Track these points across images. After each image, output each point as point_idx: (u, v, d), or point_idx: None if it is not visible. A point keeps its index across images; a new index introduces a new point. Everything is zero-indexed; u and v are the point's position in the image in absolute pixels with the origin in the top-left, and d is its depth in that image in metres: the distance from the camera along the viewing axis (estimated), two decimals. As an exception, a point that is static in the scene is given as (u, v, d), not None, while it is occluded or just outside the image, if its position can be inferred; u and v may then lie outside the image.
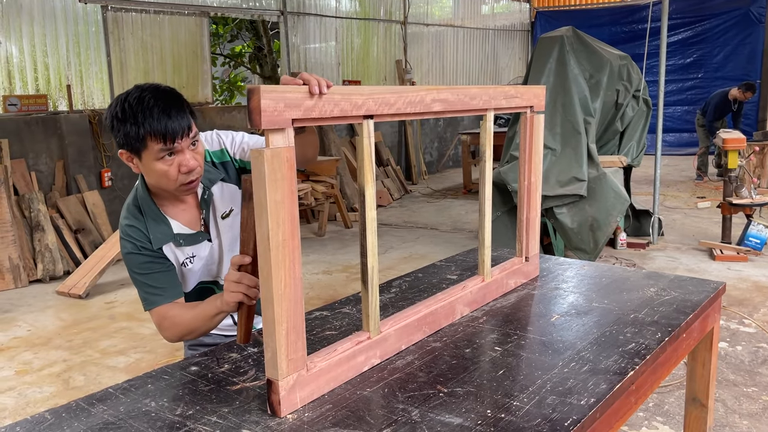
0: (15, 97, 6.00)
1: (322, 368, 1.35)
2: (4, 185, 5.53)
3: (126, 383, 1.43)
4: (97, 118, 6.40)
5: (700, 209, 7.59)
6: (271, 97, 1.15)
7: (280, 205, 1.20)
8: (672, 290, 2.00)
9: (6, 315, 4.72)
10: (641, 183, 8.71)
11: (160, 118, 1.56)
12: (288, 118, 1.19)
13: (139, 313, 4.68)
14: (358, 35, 9.78)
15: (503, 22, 13.41)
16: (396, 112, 1.45)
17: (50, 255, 5.58)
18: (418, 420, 1.24)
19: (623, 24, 12.77)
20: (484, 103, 1.73)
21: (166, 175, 1.61)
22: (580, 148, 5.32)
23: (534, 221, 2.07)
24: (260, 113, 1.14)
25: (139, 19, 6.87)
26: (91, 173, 6.40)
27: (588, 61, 5.77)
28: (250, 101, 1.14)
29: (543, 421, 1.22)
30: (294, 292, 1.25)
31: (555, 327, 1.71)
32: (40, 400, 3.40)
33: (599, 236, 5.18)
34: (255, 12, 8.35)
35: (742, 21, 11.88)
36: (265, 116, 1.15)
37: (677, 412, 3.02)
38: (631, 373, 1.43)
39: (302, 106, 1.22)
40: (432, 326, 1.67)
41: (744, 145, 5.87)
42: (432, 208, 8.30)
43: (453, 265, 2.32)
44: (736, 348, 3.75)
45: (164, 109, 1.57)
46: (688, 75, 12.38)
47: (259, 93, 1.13)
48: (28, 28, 6.08)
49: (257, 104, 1.14)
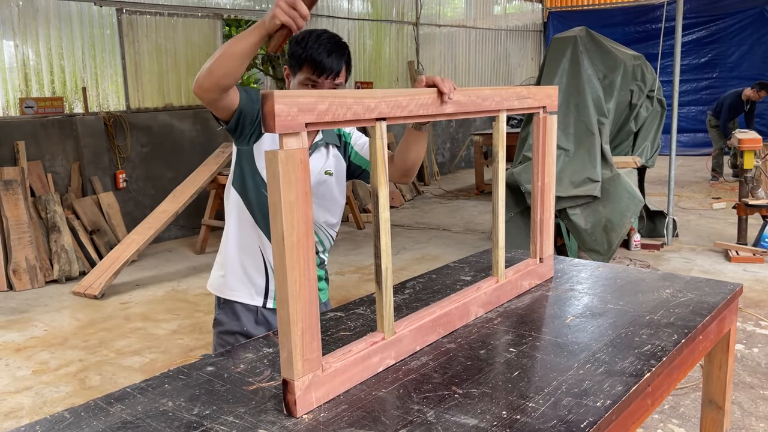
0: (32, 99, 6.07)
1: (337, 369, 1.35)
2: (20, 187, 5.60)
3: (143, 383, 1.45)
4: (112, 120, 6.46)
5: (715, 210, 7.52)
6: (284, 102, 1.16)
7: (294, 206, 1.21)
8: (688, 292, 1.98)
9: (23, 315, 4.77)
10: (655, 184, 8.65)
11: (320, 53, 1.83)
12: (301, 122, 1.20)
13: (153, 314, 4.72)
14: (370, 36, 9.79)
15: (515, 22, 13.36)
16: (408, 114, 1.45)
17: (66, 256, 5.63)
18: (434, 421, 1.24)
19: (637, 24, 12.69)
20: (497, 104, 1.73)
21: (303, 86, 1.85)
22: (594, 149, 5.29)
23: (548, 222, 2.07)
24: (274, 118, 1.15)
25: (154, 22, 6.92)
26: (106, 175, 6.45)
27: (601, 61, 5.75)
28: (264, 106, 1.15)
29: (559, 422, 1.22)
30: (309, 293, 1.26)
31: (570, 328, 1.70)
32: (56, 400, 3.43)
33: (613, 237, 5.15)
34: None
35: (757, 20, 11.77)
36: (279, 121, 1.16)
37: (693, 415, 3.00)
38: (648, 375, 1.42)
39: (315, 110, 1.23)
40: (446, 327, 1.67)
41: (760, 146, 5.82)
42: (444, 209, 8.29)
43: (467, 267, 2.32)
44: (752, 350, 3.71)
45: (328, 49, 1.84)
46: (702, 75, 12.28)
47: (273, 98, 1.14)
48: (44, 31, 6.15)
49: (271, 109, 1.15)
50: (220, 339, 2.05)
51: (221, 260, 2.05)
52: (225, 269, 2.03)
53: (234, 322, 2.02)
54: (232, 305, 2.03)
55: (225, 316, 2.04)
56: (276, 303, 1.93)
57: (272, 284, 2.00)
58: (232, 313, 2.03)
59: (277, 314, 1.25)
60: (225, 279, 2.02)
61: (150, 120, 6.89)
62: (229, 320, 2.03)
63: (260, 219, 1.96)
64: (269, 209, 1.21)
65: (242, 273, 2.00)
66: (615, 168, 5.29)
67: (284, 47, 1.79)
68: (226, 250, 2.02)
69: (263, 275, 2.01)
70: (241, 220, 1.98)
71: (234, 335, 2.02)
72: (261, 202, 1.95)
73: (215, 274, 2.08)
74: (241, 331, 2.01)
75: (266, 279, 2.01)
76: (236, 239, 2.00)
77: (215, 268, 2.08)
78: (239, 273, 2.00)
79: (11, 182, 5.56)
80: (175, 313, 4.72)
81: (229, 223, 2.02)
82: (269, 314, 2.04)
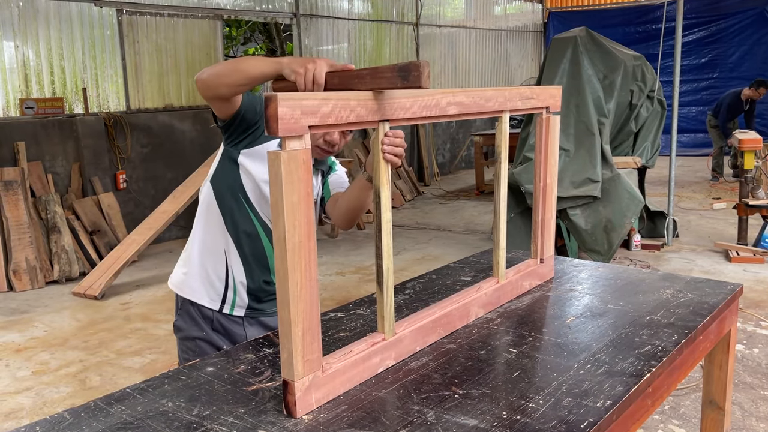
0: (32, 100, 6.07)
1: (337, 369, 1.35)
2: (21, 187, 5.60)
3: (143, 383, 1.45)
4: (112, 120, 6.46)
5: (716, 210, 7.52)
6: (288, 105, 1.16)
7: (296, 206, 1.20)
8: (688, 292, 1.98)
9: (23, 316, 4.77)
10: (656, 184, 8.64)
11: None
12: (305, 125, 1.20)
13: (154, 314, 4.72)
14: (370, 37, 9.79)
15: (516, 22, 13.36)
16: (411, 116, 1.45)
17: (66, 256, 5.63)
18: (434, 421, 1.24)
19: (637, 24, 12.68)
20: (500, 105, 1.72)
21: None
22: (594, 149, 5.29)
23: (549, 223, 2.07)
24: (278, 121, 1.14)
25: (154, 23, 6.92)
26: (107, 175, 6.45)
27: (602, 61, 5.74)
28: (267, 109, 1.15)
29: (559, 423, 1.22)
30: (310, 294, 1.26)
31: (570, 329, 1.70)
32: (57, 400, 3.43)
33: (613, 237, 5.15)
34: (268, 14, 8.38)
35: (757, 20, 11.77)
36: (282, 124, 1.15)
37: (694, 415, 2.99)
38: (648, 376, 1.42)
39: (319, 112, 1.23)
40: (447, 328, 1.67)
41: (761, 146, 5.82)
42: (444, 210, 8.29)
43: (467, 267, 2.32)
44: (752, 350, 3.71)
45: None
46: (703, 75, 12.28)
47: (277, 101, 1.14)
48: (45, 31, 6.15)
49: (274, 112, 1.14)
50: (182, 345, 2.03)
51: (185, 257, 2.01)
52: (188, 267, 1.99)
53: (193, 327, 1.99)
54: (188, 309, 1.99)
55: (183, 322, 2.01)
56: (233, 309, 1.97)
57: (230, 291, 1.95)
58: (189, 318, 1.99)
59: (278, 315, 1.24)
60: (186, 278, 2.00)
61: (150, 120, 6.89)
62: (187, 326, 2.00)
63: (230, 224, 1.92)
64: (271, 210, 1.21)
65: (204, 274, 1.96)
66: (615, 168, 5.29)
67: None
68: (191, 248, 1.99)
69: (223, 281, 1.95)
70: (209, 220, 1.94)
71: (194, 341, 1.98)
72: (232, 208, 1.91)
73: (177, 271, 2.04)
74: (200, 336, 1.98)
75: (225, 285, 1.95)
76: (202, 239, 1.96)
77: (179, 265, 2.04)
78: (201, 274, 1.96)
79: (11, 183, 5.56)
80: (176, 314, 4.72)
81: (199, 221, 1.98)
82: (225, 321, 1.98)
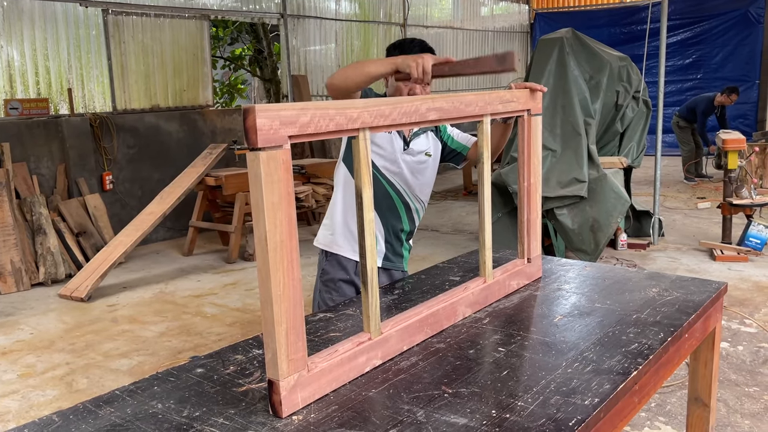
0: (16, 100, 6.01)
1: (323, 369, 1.35)
2: (5, 189, 5.54)
3: (132, 385, 1.44)
4: (98, 121, 6.42)
5: (700, 210, 7.60)
6: (266, 116, 1.16)
7: (276, 206, 1.21)
8: (674, 291, 2.00)
9: (8, 318, 4.73)
10: (641, 184, 8.72)
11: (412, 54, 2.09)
12: (284, 135, 1.20)
13: (141, 316, 4.69)
14: (357, 37, 9.79)
15: (502, 23, 13.42)
16: (391, 123, 1.46)
17: (52, 258, 5.59)
18: (424, 420, 1.25)
19: (622, 25, 12.77)
20: (480, 109, 1.74)
21: (399, 90, 2.22)
22: (581, 150, 5.32)
23: (535, 222, 2.08)
24: (256, 132, 1.15)
25: (140, 23, 6.88)
26: (93, 176, 6.41)
27: (588, 62, 5.78)
28: (246, 120, 1.15)
29: (547, 421, 1.23)
30: (293, 293, 1.26)
31: (558, 328, 1.72)
32: (43, 404, 3.40)
33: (600, 237, 5.18)
34: (255, 15, 8.36)
35: (741, 21, 11.89)
36: (261, 135, 1.15)
37: (679, 412, 3.02)
38: (635, 373, 1.43)
39: (297, 122, 1.23)
40: (434, 327, 1.68)
41: (744, 146, 5.89)
42: (432, 210, 8.30)
43: (455, 267, 2.33)
44: (737, 348, 3.76)
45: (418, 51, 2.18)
46: (687, 76, 12.38)
47: (255, 112, 1.14)
48: (30, 31, 6.10)
49: (253, 123, 1.14)
50: (324, 286, 2.41)
51: (329, 222, 2.42)
52: (333, 229, 2.39)
53: (339, 271, 2.38)
54: (337, 257, 2.38)
55: (330, 267, 2.40)
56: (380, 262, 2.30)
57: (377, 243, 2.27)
58: (337, 263, 2.38)
59: (261, 314, 1.25)
60: (333, 237, 2.39)
61: (137, 121, 6.85)
62: (334, 270, 2.39)
63: None
64: (252, 210, 1.22)
65: (348, 232, 2.35)
66: (601, 168, 5.33)
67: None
68: (333, 213, 2.40)
69: None
70: (347, 189, 2.34)
71: (336, 282, 2.38)
72: None
73: (324, 233, 2.44)
74: (343, 278, 2.37)
75: None
76: (343, 205, 2.37)
77: (323, 228, 2.45)
78: (345, 232, 2.36)
79: (-4, 184, 5.51)
80: (163, 315, 4.70)
81: (337, 192, 2.39)
82: None
